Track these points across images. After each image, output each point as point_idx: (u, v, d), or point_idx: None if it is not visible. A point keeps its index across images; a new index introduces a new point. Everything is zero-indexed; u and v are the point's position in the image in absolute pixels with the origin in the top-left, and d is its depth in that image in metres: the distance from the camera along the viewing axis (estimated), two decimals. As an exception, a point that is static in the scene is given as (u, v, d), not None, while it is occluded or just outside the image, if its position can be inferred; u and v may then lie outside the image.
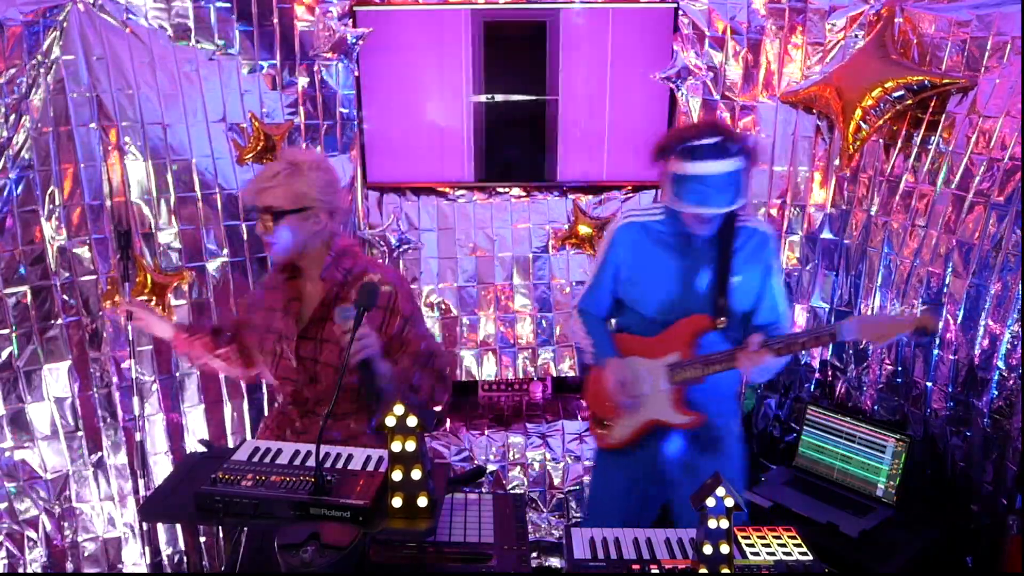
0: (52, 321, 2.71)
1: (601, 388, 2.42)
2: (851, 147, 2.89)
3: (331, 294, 2.08)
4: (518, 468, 3.39)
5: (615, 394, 2.35)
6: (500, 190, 3.40)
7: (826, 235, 3.15)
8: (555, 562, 3.40)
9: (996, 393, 2.54)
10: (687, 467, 2.40)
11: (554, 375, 3.60)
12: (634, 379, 2.35)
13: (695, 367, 2.31)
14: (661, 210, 2.37)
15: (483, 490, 3.25)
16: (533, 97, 3.23)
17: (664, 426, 2.39)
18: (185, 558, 3.10)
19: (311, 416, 2.14)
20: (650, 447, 2.43)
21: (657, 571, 1.67)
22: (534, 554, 3.38)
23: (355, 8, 3.08)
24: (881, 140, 2.90)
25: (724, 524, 1.58)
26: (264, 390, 3.17)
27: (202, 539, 3.12)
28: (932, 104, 2.73)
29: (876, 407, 3.02)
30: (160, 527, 3.03)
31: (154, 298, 2.85)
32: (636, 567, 1.69)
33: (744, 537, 1.80)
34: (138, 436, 2.91)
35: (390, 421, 1.53)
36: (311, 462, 1.70)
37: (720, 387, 2.37)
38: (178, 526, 3.05)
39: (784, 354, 2.23)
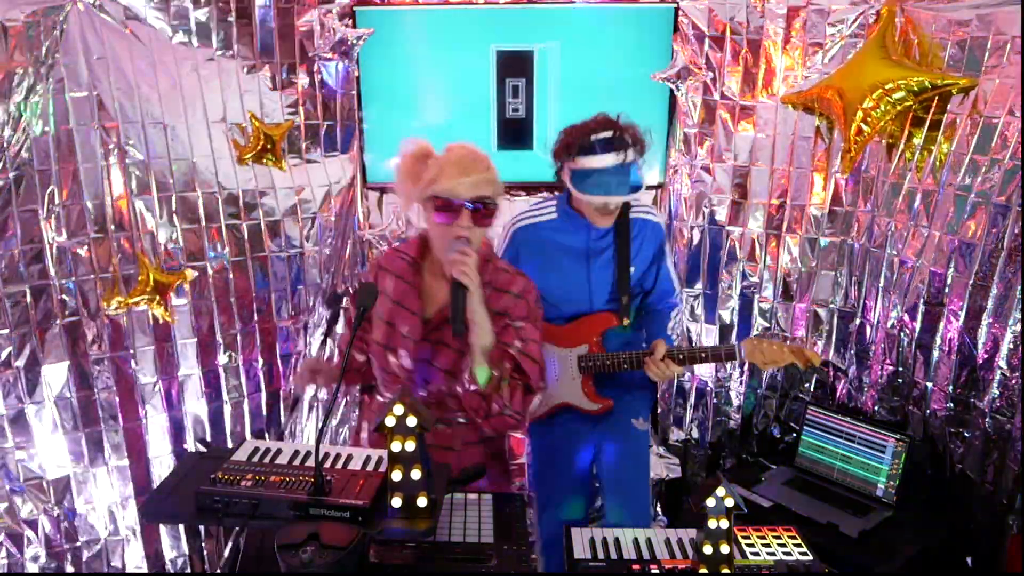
0: (52, 321, 2.71)
1: None
2: (852, 148, 2.89)
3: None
4: (518, 468, 3.38)
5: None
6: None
7: (826, 235, 3.15)
8: (555, 562, 3.40)
9: (998, 393, 2.54)
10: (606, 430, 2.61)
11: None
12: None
13: (604, 364, 2.52)
14: (552, 208, 2.54)
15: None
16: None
17: (574, 408, 2.57)
18: (188, 561, 3.10)
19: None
20: (563, 422, 2.61)
21: (657, 571, 1.67)
22: (534, 554, 3.38)
23: (355, 8, 3.08)
24: (882, 140, 2.90)
25: (724, 524, 1.58)
26: (264, 390, 3.17)
27: (203, 543, 3.13)
28: (933, 104, 2.73)
29: (876, 407, 3.02)
30: (161, 527, 3.02)
31: (156, 296, 2.85)
32: (636, 567, 1.69)
33: (744, 537, 1.80)
34: (139, 436, 2.91)
35: (390, 421, 1.53)
36: (311, 462, 1.70)
37: (631, 376, 2.57)
38: (179, 526, 3.05)
39: (686, 364, 2.50)
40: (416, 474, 1.55)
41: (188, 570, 3.10)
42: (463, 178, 1.91)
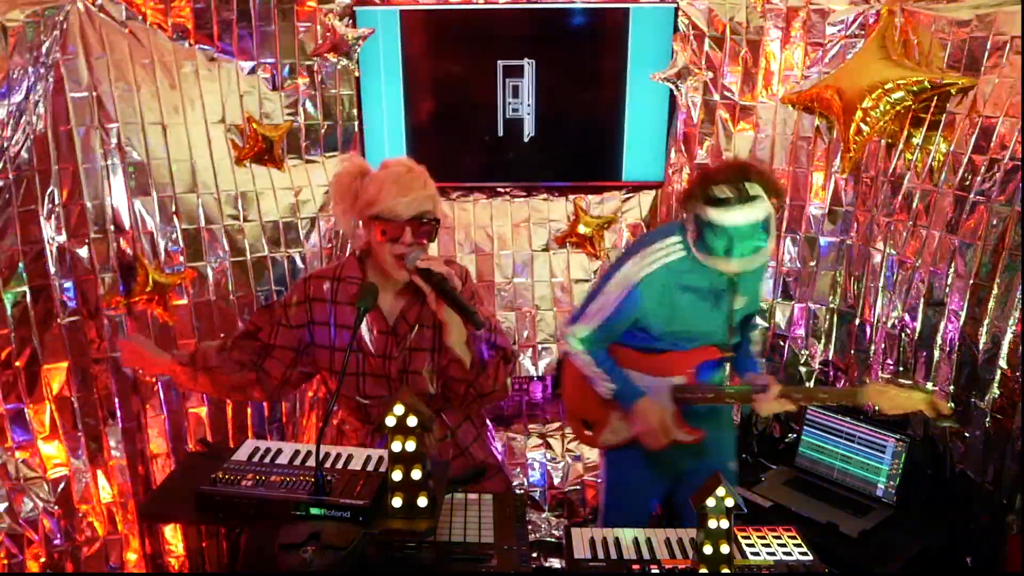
0: (52, 321, 2.71)
1: (589, 391, 2.43)
2: (852, 148, 2.89)
3: (414, 301, 2.03)
4: (518, 468, 3.39)
5: (643, 437, 2.35)
6: (500, 190, 3.40)
7: (826, 235, 3.15)
8: (555, 562, 3.40)
9: (998, 393, 2.54)
10: (683, 468, 2.45)
11: (554, 375, 3.60)
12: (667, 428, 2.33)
13: (704, 396, 2.34)
14: (679, 246, 2.27)
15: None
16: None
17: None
18: (188, 561, 3.10)
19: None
20: (645, 452, 2.41)
21: (657, 571, 1.68)
22: (534, 554, 3.38)
23: (355, 8, 3.08)
24: (882, 140, 2.90)
25: (724, 524, 1.58)
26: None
27: (203, 543, 3.13)
28: (933, 104, 2.73)
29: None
30: (161, 527, 3.02)
31: (156, 296, 2.85)
32: (636, 567, 1.69)
33: (744, 537, 1.80)
34: (139, 436, 2.91)
35: (390, 421, 1.53)
36: (311, 462, 1.70)
37: (718, 411, 2.43)
38: (179, 527, 3.05)
39: (799, 403, 2.32)
40: (416, 474, 1.55)
41: (188, 570, 3.10)
42: (402, 198, 1.92)
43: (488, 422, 2.34)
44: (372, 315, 2.04)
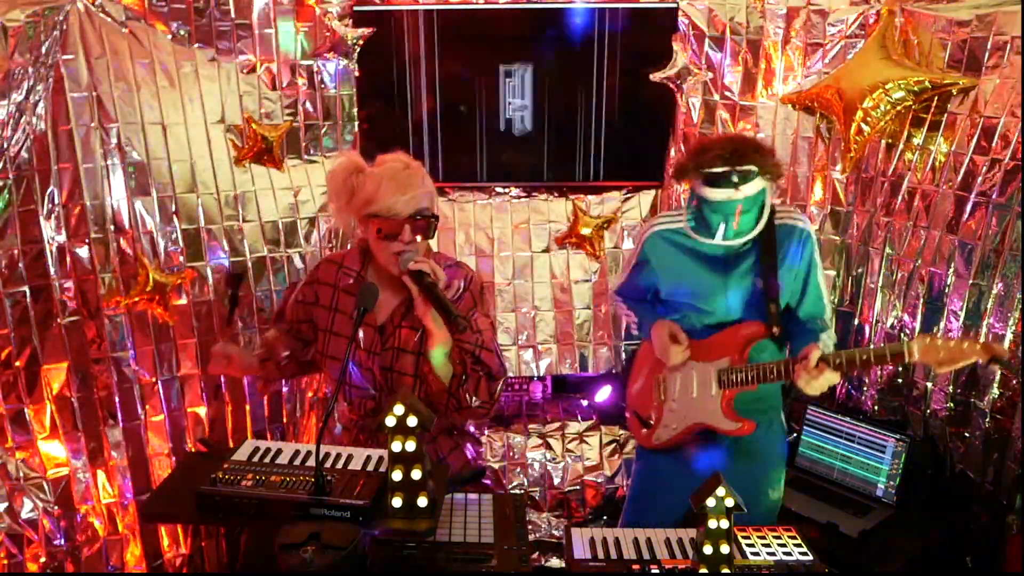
0: (52, 321, 2.71)
1: (647, 386, 2.43)
2: (852, 148, 2.89)
3: (407, 302, 2.02)
4: (518, 468, 3.39)
5: (660, 352, 2.34)
6: (500, 190, 3.40)
7: (827, 235, 3.15)
8: (555, 562, 3.40)
9: (998, 393, 2.54)
10: (728, 471, 2.36)
11: (554, 375, 3.60)
12: (675, 333, 2.32)
13: (748, 376, 2.25)
14: (692, 214, 2.29)
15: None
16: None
17: (711, 430, 2.34)
18: (188, 561, 3.10)
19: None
20: (694, 449, 2.39)
21: (657, 571, 1.67)
22: (534, 554, 3.38)
23: (355, 8, 3.08)
24: (882, 140, 2.90)
25: (724, 524, 1.58)
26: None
27: (203, 543, 3.12)
28: (933, 104, 2.73)
29: (876, 407, 3.02)
30: (161, 527, 3.02)
31: (156, 296, 2.85)
32: (636, 567, 1.69)
33: (744, 537, 1.80)
34: (139, 436, 2.91)
35: (390, 421, 1.53)
36: (311, 462, 1.70)
37: (769, 393, 2.35)
38: (179, 527, 3.05)
39: (843, 371, 2.13)
40: (416, 474, 1.55)
41: (188, 570, 3.10)
42: (401, 195, 1.91)
43: (474, 430, 2.31)
44: (370, 314, 2.04)
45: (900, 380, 2.92)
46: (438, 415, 2.08)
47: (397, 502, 1.56)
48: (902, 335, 2.86)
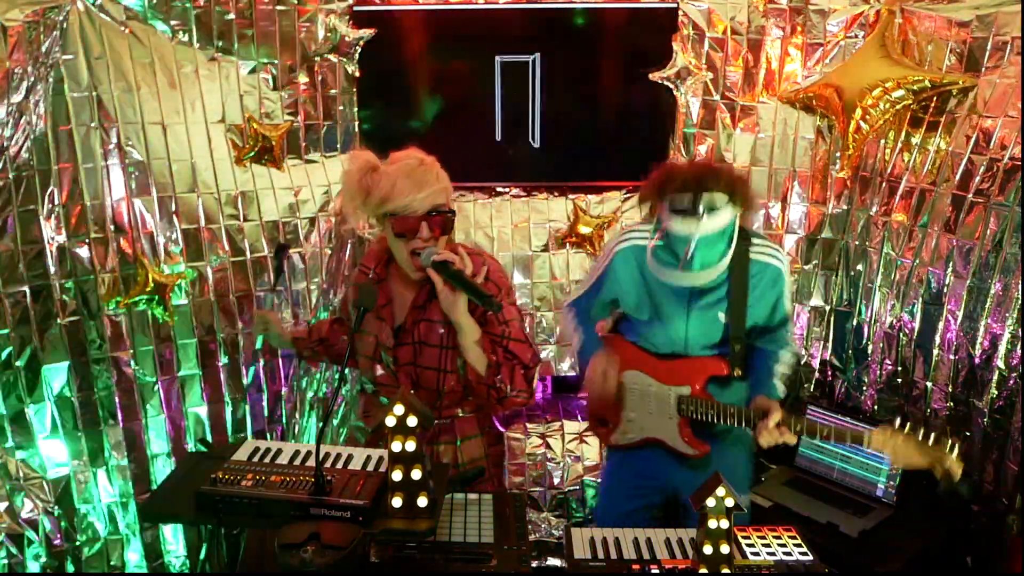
0: (52, 321, 2.71)
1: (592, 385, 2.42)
2: (851, 147, 2.89)
3: (426, 296, 2.02)
4: (518, 468, 3.38)
5: (589, 384, 2.32)
6: (500, 189, 3.40)
7: (826, 235, 3.15)
8: (555, 562, 3.40)
9: (996, 393, 2.54)
10: (693, 472, 2.35)
11: (554, 375, 3.60)
12: (612, 373, 2.29)
13: (709, 413, 2.23)
14: (659, 242, 2.22)
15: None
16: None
17: (667, 448, 2.35)
18: (188, 561, 3.10)
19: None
20: (647, 457, 2.40)
21: (657, 571, 1.68)
22: (534, 554, 3.38)
23: (355, 8, 3.08)
24: (881, 140, 2.90)
25: (724, 524, 1.58)
26: (265, 390, 3.17)
27: (203, 543, 3.13)
28: (932, 104, 2.73)
29: (876, 407, 3.02)
30: (161, 527, 3.02)
31: (156, 296, 2.85)
32: (636, 567, 1.69)
33: (744, 537, 1.80)
34: (139, 436, 2.91)
35: (390, 421, 1.53)
36: (311, 462, 1.70)
37: (735, 432, 2.32)
38: (179, 526, 3.05)
39: (800, 436, 2.13)
40: (416, 474, 1.55)
41: (188, 570, 3.10)
42: (416, 194, 1.89)
43: (504, 440, 2.31)
44: (384, 310, 2.07)
45: (900, 380, 2.92)
46: (485, 408, 2.12)
47: (397, 502, 1.56)
48: (901, 335, 2.86)
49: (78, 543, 2.89)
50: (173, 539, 3.07)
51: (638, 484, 2.44)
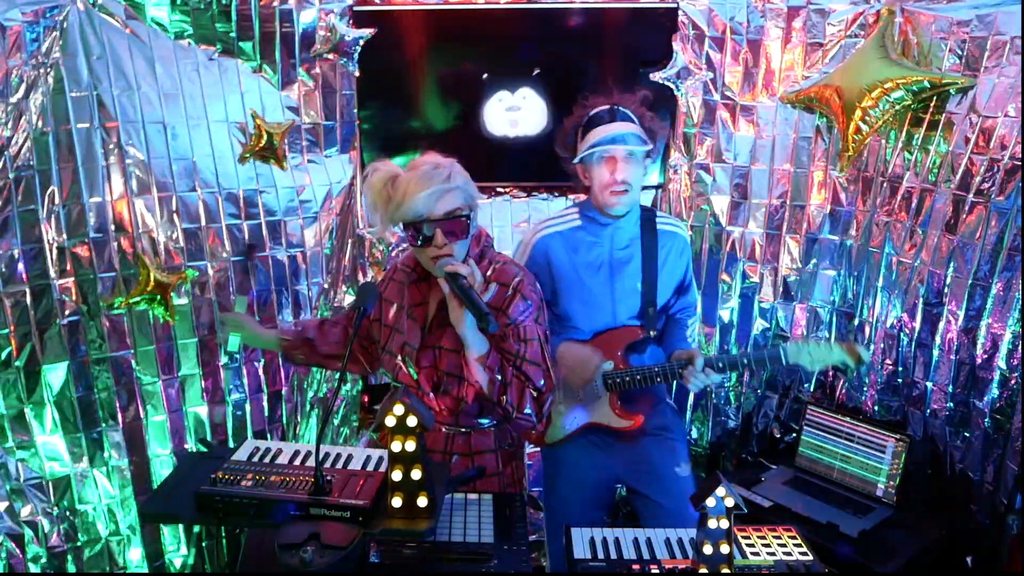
0: (52, 321, 2.71)
1: None
2: (850, 147, 2.89)
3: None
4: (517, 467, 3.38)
5: (581, 371, 2.42)
6: (500, 190, 3.40)
7: (826, 235, 3.15)
8: (555, 562, 3.40)
9: (997, 393, 2.54)
10: (634, 462, 2.48)
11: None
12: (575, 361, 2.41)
13: (634, 379, 2.40)
14: (575, 215, 2.45)
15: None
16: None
17: (603, 428, 2.45)
18: (188, 561, 3.10)
19: (434, 430, 2.05)
20: (582, 444, 2.49)
21: (657, 571, 1.67)
22: (534, 554, 3.38)
23: (355, 8, 3.08)
24: (882, 140, 2.90)
25: (724, 524, 1.58)
26: (265, 390, 3.17)
27: (203, 543, 3.13)
28: (932, 104, 2.74)
29: (876, 407, 3.02)
30: (161, 527, 3.03)
31: (156, 296, 2.85)
32: (636, 567, 1.69)
33: (744, 537, 1.80)
34: (139, 436, 2.91)
35: (390, 421, 1.53)
36: (311, 462, 1.70)
37: (653, 388, 2.48)
38: (179, 527, 3.05)
39: (727, 372, 2.44)
40: (416, 474, 1.55)
41: (188, 570, 3.10)
42: (427, 198, 1.87)
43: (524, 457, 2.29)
44: (418, 310, 2.07)
45: (900, 380, 2.92)
46: (487, 426, 2.10)
47: (397, 502, 1.56)
48: (902, 335, 2.86)
49: (78, 543, 2.89)
50: (173, 539, 3.07)
51: (580, 477, 2.51)
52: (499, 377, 1.94)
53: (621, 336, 2.42)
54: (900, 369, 2.91)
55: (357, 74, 3.16)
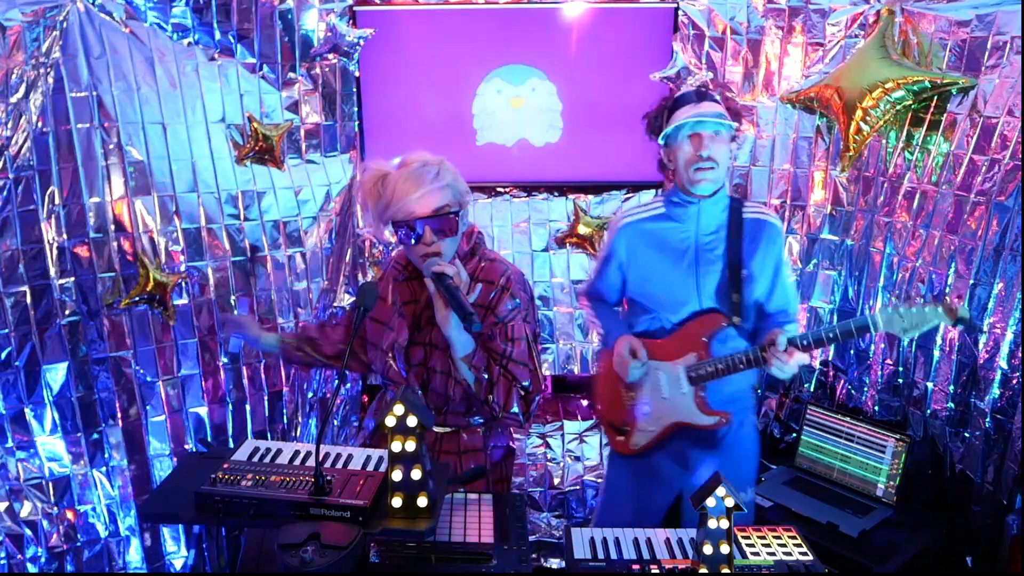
0: (52, 321, 2.71)
1: (614, 393, 2.42)
2: (851, 147, 2.89)
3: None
4: (518, 468, 3.38)
5: (618, 367, 2.34)
6: (500, 190, 3.40)
7: (827, 235, 3.15)
8: (555, 562, 3.40)
9: (998, 393, 2.54)
10: (700, 467, 2.37)
11: (554, 375, 3.60)
12: (635, 349, 2.33)
13: (717, 368, 2.29)
14: (659, 203, 2.40)
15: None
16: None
17: (688, 428, 2.37)
18: (188, 561, 3.10)
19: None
20: (668, 451, 2.41)
21: (657, 571, 1.67)
22: (534, 554, 3.38)
23: (355, 8, 3.08)
24: (882, 140, 2.90)
25: (724, 524, 1.58)
26: (265, 390, 3.17)
27: (203, 543, 3.12)
28: (933, 104, 2.73)
29: (876, 407, 3.02)
30: (161, 527, 3.02)
31: (156, 296, 2.85)
32: (636, 567, 1.69)
33: (744, 537, 1.80)
34: (139, 436, 2.91)
35: (390, 421, 1.53)
36: (311, 462, 1.70)
37: (738, 381, 2.36)
38: (179, 527, 3.05)
39: (811, 350, 2.22)
40: (416, 474, 1.55)
41: (188, 570, 3.10)
42: (413, 195, 1.88)
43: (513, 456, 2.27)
44: (408, 307, 2.07)
45: (900, 380, 2.92)
46: (476, 424, 2.09)
47: (397, 502, 1.56)
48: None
49: (78, 544, 2.89)
50: (173, 539, 3.07)
51: (643, 491, 2.44)
52: (486, 376, 1.96)
53: (703, 325, 2.32)
54: (900, 369, 2.90)
55: (357, 74, 3.16)
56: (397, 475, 1.55)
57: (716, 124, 2.23)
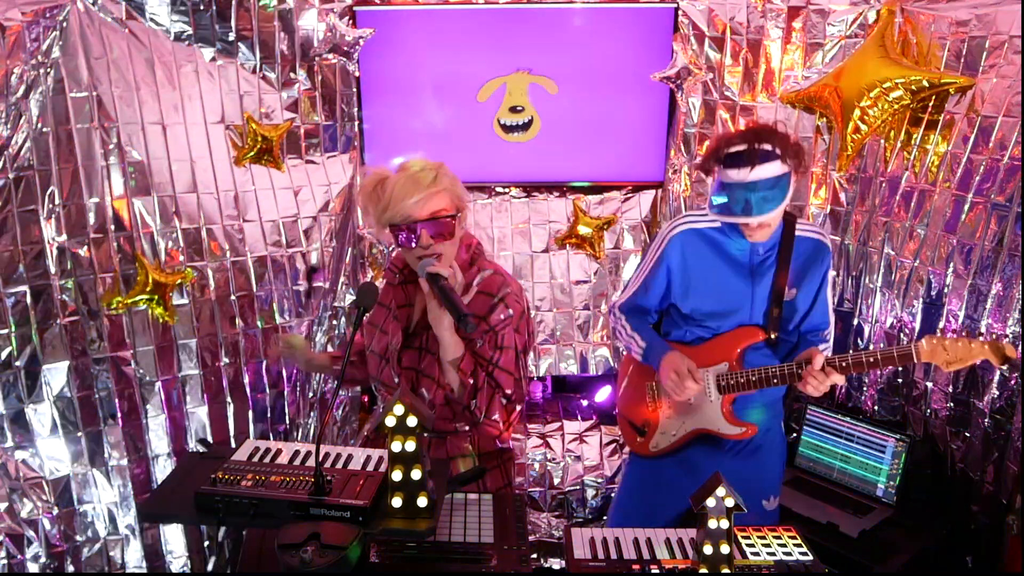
0: (52, 321, 2.71)
1: (638, 393, 2.41)
2: (849, 147, 2.89)
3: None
4: (518, 468, 3.39)
5: (670, 389, 2.28)
6: (500, 190, 3.40)
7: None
8: (555, 562, 3.40)
9: (998, 393, 2.54)
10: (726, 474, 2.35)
11: (554, 375, 3.60)
12: (692, 372, 2.25)
13: (750, 381, 2.26)
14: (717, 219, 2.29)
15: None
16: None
17: (711, 435, 2.35)
18: (188, 561, 3.10)
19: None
20: (690, 456, 2.39)
21: (657, 571, 1.67)
22: (534, 554, 3.38)
23: (355, 8, 3.08)
24: (881, 140, 2.90)
25: (724, 524, 1.58)
26: (266, 390, 3.17)
27: (203, 543, 3.13)
28: (931, 104, 2.74)
29: (876, 407, 3.02)
30: (161, 527, 3.02)
31: (156, 296, 2.85)
32: (636, 567, 1.69)
33: (744, 537, 1.80)
34: (139, 436, 2.91)
35: (390, 421, 1.53)
36: (311, 462, 1.70)
37: (774, 401, 2.36)
38: (179, 527, 3.05)
39: (849, 372, 2.16)
40: (416, 474, 1.55)
41: (188, 570, 3.10)
42: (409, 199, 1.88)
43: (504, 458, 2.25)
44: (402, 311, 2.07)
45: (900, 380, 2.92)
46: (465, 430, 2.08)
47: (397, 502, 1.56)
48: (901, 335, 2.86)
49: (78, 543, 2.89)
50: (173, 539, 3.07)
51: (659, 495, 2.41)
52: (471, 381, 1.95)
53: (740, 337, 2.30)
54: (900, 369, 2.91)
55: (357, 74, 3.16)
56: (397, 475, 1.55)
57: (766, 194, 2.11)
